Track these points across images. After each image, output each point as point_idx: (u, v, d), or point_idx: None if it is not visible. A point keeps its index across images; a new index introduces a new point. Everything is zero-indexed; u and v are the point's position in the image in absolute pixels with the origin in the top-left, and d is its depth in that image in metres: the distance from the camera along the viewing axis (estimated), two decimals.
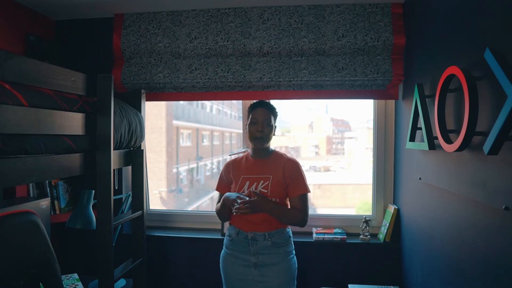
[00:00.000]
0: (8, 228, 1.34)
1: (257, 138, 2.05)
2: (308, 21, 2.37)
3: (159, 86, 2.52)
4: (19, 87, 1.36)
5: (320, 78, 2.36)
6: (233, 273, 2.07)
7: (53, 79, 1.53)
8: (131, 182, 2.31)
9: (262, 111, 2.06)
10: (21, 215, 1.41)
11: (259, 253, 2.01)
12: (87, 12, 2.60)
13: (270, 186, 2.02)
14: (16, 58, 1.34)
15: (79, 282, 2.35)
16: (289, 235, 2.10)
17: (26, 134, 1.38)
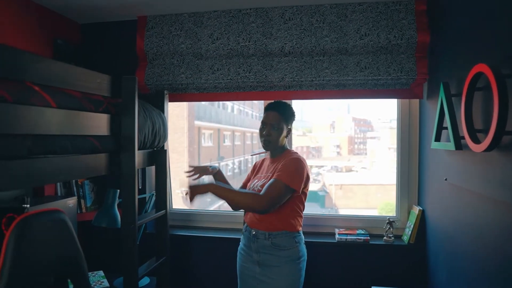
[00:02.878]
0: (39, 226, 1.38)
1: (262, 140, 2.06)
2: (330, 20, 2.35)
3: (182, 87, 2.55)
4: (48, 89, 1.40)
5: (343, 77, 2.33)
6: (243, 267, 2.09)
7: (79, 81, 1.57)
8: (155, 182, 2.35)
9: (271, 114, 2.03)
10: (51, 213, 1.46)
11: (261, 252, 1.99)
12: (111, 15, 2.65)
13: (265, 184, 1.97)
14: (45, 61, 1.38)
15: (105, 279, 2.41)
16: (295, 240, 1.99)
17: (54, 135, 1.42)
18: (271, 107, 2.07)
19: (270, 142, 2.03)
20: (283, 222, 1.98)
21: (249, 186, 2.12)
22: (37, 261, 1.39)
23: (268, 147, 2.05)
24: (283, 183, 1.87)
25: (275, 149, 2.08)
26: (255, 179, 2.12)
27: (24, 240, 1.32)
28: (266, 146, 2.06)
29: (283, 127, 2.03)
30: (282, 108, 2.06)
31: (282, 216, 1.97)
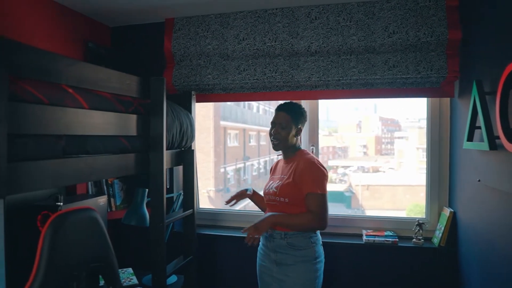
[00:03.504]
0: (72, 223, 1.43)
1: (271, 141, 2.08)
2: (357, 18, 2.32)
3: (208, 87, 2.58)
4: (80, 91, 1.44)
5: (370, 76, 2.30)
6: (261, 266, 2.10)
7: (110, 83, 1.61)
8: (183, 182, 2.38)
9: (280, 114, 2.05)
10: (83, 211, 1.50)
11: (277, 251, 1.99)
12: (139, 18, 2.71)
13: (280, 186, 2.00)
14: (78, 64, 1.43)
15: (134, 276, 2.45)
16: (311, 240, 1.98)
17: (86, 135, 1.46)
18: (281, 107, 2.09)
19: (279, 141, 2.03)
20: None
21: (265, 189, 2.12)
22: (71, 256, 1.43)
23: (277, 146, 2.06)
24: (319, 194, 1.91)
25: (285, 149, 2.08)
26: (271, 181, 2.13)
27: (58, 236, 1.37)
28: (275, 146, 2.07)
29: (291, 127, 2.03)
30: (290, 108, 2.07)
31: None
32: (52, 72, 1.31)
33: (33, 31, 2.19)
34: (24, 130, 1.19)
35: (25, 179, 1.21)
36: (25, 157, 1.21)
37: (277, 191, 2.00)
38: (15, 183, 1.16)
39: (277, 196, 1.99)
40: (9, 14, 2.05)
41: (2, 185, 1.10)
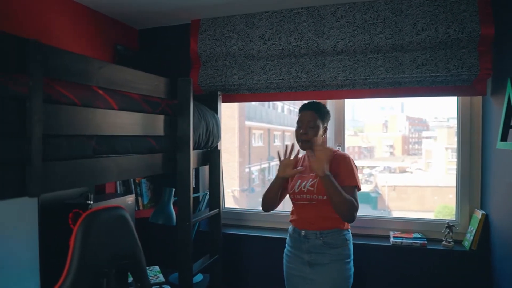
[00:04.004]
0: (102, 221, 1.46)
1: (299, 141, 2.05)
2: (384, 16, 2.28)
3: (234, 87, 2.59)
4: (110, 92, 1.48)
5: (398, 75, 2.26)
6: (291, 269, 2.07)
7: (138, 84, 1.64)
8: (209, 181, 2.40)
9: (306, 114, 2.03)
10: (113, 210, 1.54)
11: (312, 252, 1.97)
12: (166, 20, 2.76)
13: (317, 183, 1.97)
14: (108, 66, 1.46)
15: (160, 274, 2.49)
16: (345, 238, 2.00)
17: (116, 135, 1.50)
18: (305, 107, 2.07)
19: (308, 141, 2.01)
20: (334, 220, 1.96)
21: (295, 188, 2.06)
22: (101, 254, 1.46)
23: (305, 146, 2.03)
24: (355, 188, 1.95)
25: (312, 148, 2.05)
26: (298, 180, 2.07)
27: (89, 234, 1.40)
28: (304, 146, 2.04)
29: (319, 125, 2.02)
30: (316, 107, 2.05)
31: (333, 213, 1.94)
32: (83, 74, 1.35)
33: (64, 35, 2.27)
34: (57, 131, 1.23)
35: (58, 178, 1.24)
36: (58, 157, 1.25)
37: (314, 189, 1.97)
38: (49, 182, 1.20)
39: (315, 194, 1.97)
40: (43, 19, 2.13)
41: (37, 184, 1.14)
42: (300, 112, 2.07)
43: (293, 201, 2.09)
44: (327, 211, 1.95)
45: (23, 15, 2.01)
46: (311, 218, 2.00)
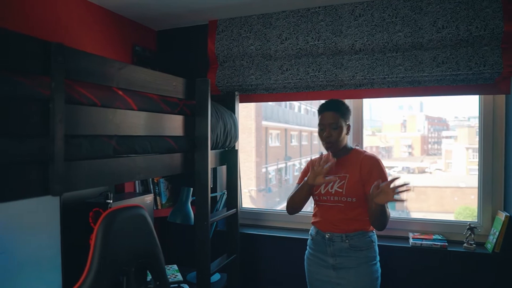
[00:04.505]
0: (122, 220, 1.48)
1: (325, 144, 2.01)
2: (403, 14, 2.25)
3: (251, 87, 2.59)
4: (130, 93, 1.50)
5: (417, 74, 2.22)
6: (314, 273, 2.04)
7: (157, 85, 1.66)
8: (226, 181, 2.41)
9: (328, 115, 1.98)
10: (132, 209, 1.56)
11: (337, 255, 1.94)
12: (183, 21, 2.78)
13: (345, 185, 1.95)
14: (127, 67, 1.48)
15: (178, 273, 2.52)
16: (371, 240, 1.97)
17: (135, 135, 1.52)
18: (326, 107, 2.02)
19: (333, 143, 1.98)
20: (360, 222, 1.94)
21: (319, 188, 2.02)
22: (121, 252, 1.49)
23: (331, 148, 1.99)
24: None
25: (339, 149, 2.02)
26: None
27: (110, 232, 1.42)
28: (329, 148, 2.00)
29: (342, 125, 1.99)
30: (336, 106, 2.01)
31: (359, 215, 1.93)
32: (104, 75, 1.37)
33: (85, 36, 2.31)
34: (79, 131, 1.25)
35: (79, 177, 1.27)
36: (80, 157, 1.27)
37: (342, 190, 1.94)
38: (70, 182, 1.22)
39: (344, 196, 1.94)
40: (65, 22, 2.17)
41: (60, 183, 1.16)
42: (320, 113, 2.03)
43: (318, 202, 2.05)
44: (355, 213, 1.93)
45: (47, 18, 2.06)
46: (336, 220, 1.96)
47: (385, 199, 1.75)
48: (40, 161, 1.13)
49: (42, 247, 1.82)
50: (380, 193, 1.75)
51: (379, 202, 1.76)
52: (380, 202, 1.76)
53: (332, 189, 1.98)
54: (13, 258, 1.68)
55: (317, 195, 2.04)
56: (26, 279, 1.74)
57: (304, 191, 1.99)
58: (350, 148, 2.09)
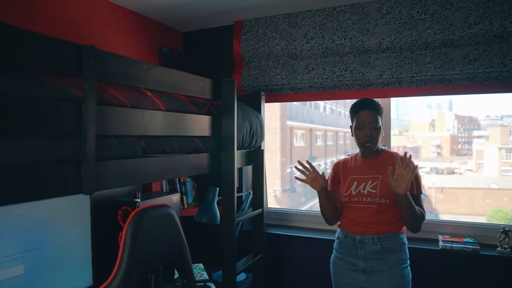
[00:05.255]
0: (150, 219, 1.51)
1: (365, 144, 1.94)
2: (432, 10, 2.20)
3: (277, 87, 2.59)
4: (158, 94, 1.52)
5: (448, 71, 2.16)
6: (342, 278, 1.99)
7: (184, 85, 1.68)
8: (252, 181, 2.42)
9: (367, 114, 1.93)
10: (160, 208, 1.58)
11: (368, 258, 1.89)
12: (209, 22, 2.81)
13: (378, 187, 1.90)
14: (155, 69, 1.50)
15: (204, 271, 2.54)
16: (403, 242, 1.92)
17: (163, 135, 1.54)
18: (364, 106, 1.96)
19: (374, 143, 1.93)
20: (391, 224, 1.90)
21: (349, 189, 1.98)
22: (149, 250, 1.51)
23: (371, 148, 1.95)
24: (421, 196, 1.92)
25: (375, 149, 1.98)
26: (354, 181, 1.98)
27: (139, 231, 1.45)
28: (369, 148, 1.95)
29: (381, 125, 1.95)
30: (373, 105, 1.96)
31: (391, 217, 1.89)
32: (133, 76, 1.40)
33: (115, 39, 2.37)
34: (109, 131, 1.28)
35: (110, 177, 1.30)
36: (110, 157, 1.30)
37: (376, 191, 1.90)
38: (101, 181, 1.25)
39: (377, 198, 1.89)
40: (94, 25, 2.24)
41: (91, 182, 1.19)
42: (357, 112, 1.97)
43: (348, 203, 2.00)
44: (388, 215, 1.89)
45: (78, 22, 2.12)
46: (368, 222, 1.91)
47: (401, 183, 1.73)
48: (73, 160, 1.16)
49: (73, 243, 1.89)
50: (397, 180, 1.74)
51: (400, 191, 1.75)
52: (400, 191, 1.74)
53: (364, 190, 1.93)
54: (47, 253, 1.75)
55: (346, 197, 1.99)
56: (59, 273, 1.81)
57: (324, 199, 2.02)
58: (381, 149, 2.05)
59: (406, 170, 1.73)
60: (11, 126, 0.99)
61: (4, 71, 0.98)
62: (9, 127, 0.99)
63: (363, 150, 2.01)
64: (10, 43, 1.00)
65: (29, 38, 1.05)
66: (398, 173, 1.75)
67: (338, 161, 2.18)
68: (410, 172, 1.73)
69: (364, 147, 1.96)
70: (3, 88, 0.97)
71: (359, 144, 1.99)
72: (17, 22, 1.76)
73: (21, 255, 1.63)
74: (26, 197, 1.08)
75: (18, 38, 1.02)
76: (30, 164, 1.05)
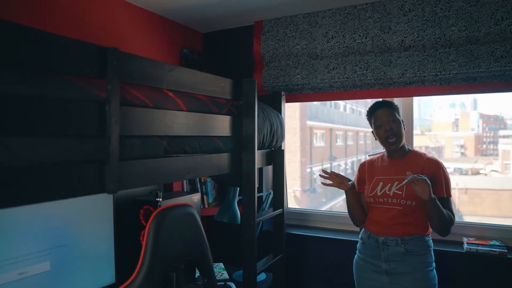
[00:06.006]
0: (172, 218, 1.52)
1: (388, 139, 1.92)
2: (457, 7, 2.14)
3: (297, 87, 2.58)
4: (179, 94, 1.53)
5: (473, 69, 2.11)
6: (365, 279, 1.97)
7: (206, 86, 1.69)
8: (272, 181, 2.42)
9: (382, 111, 1.93)
10: (182, 207, 1.60)
11: (391, 260, 1.86)
12: (229, 23, 2.82)
13: (404, 188, 1.85)
14: (177, 69, 1.52)
15: (225, 271, 2.55)
16: (428, 244, 1.88)
17: (185, 135, 1.55)
18: (378, 106, 1.97)
19: (396, 135, 1.90)
20: (417, 225, 1.86)
21: (374, 189, 1.96)
22: (171, 249, 1.53)
23: (396, 143, 1.91)
24: (451, 199, 1.87)
25: (401, 144, 1.94)
26: (380, 182, 1.95)
27: (161, 230, 1.47)
28: (393, 143, 1.91)
29: (399, 119, 1.93)
30: (388, 104, 1.97)
31: (417, 219, 1.86)
32: (155, 78, 1.41)
33: (137, 40, 2.41)
34: (132, 132, 1.30)
35: (133, 176, 1.31)
36: (133, 157, 1.32)
37: (402, 193, 1.87)
38: (125, 180, 1.27)
39: (403, 199, 1.86)
40: (117, 27, 2.28)
41: (115, 181, 1.21)
42: (373, 112, 1.97)
43: (373, 204, 1.97)
44: (413, 217, 1.85)
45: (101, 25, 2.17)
46: (392, 223, 1.88)
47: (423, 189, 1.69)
48: (97, 160, 1.18)
49: (97, 241, 1.92)
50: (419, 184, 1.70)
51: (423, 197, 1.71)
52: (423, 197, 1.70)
53: (390, 191, 1.90)
54: (71, 251, 1.79)
55: (372, 197, 1.96)
56: (83, 270, 1.85)
57: (353, 200, 2.01)
58: (408, 149, 2.01)
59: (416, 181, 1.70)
60: (39, 127, 1.02)
61: (33, 73, 1.01)
62: (37, 128, 1.01)
63: (388, 147, 1.97)
64: (39, 46, 1.02)
65: (57, 41, 1.07)
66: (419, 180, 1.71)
67: (364, 161, 2.16)
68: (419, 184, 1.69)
69: (388, 143, 1.93)
70: (32, 90, 1.00)
71: (382, 143, 1.97)
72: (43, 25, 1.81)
73: (47, 252, 1.67)
74: (53, 195, 1.10)
75: (46, 41, 1.05)
76: (56, 163, 1.07)
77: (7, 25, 0.96)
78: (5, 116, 0.95)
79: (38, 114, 1.01)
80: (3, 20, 0.95)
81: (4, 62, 0.95)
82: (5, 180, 0.96)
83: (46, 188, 1.06)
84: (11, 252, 1.54)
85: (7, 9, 1.72)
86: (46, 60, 1.05)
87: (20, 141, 0.98)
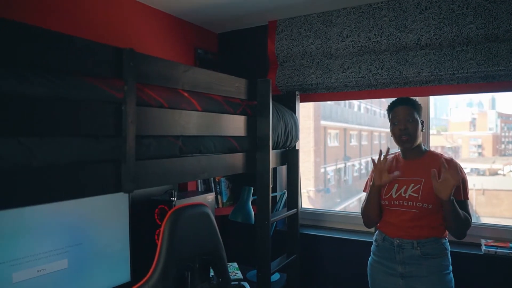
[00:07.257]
0: (187, 217, 1.54)
1: (401, 137, 1.88)
2: (475, 4, 2.10)
3: (312, 87, 2.57)
4: (194, 95, 1.54)
5: (492, 68, 2.07)
6: (379, 281, 1.94)
7: (220, 86, 1.69)
8: (287, 181, 2.41)
9: (401, 109, 1.89)
10: (197, 207, 1.61)
11: (406, 263, 1.83)
12: (243, 23, 2.82)
13: (421, 190, 1.82)
14: (192, 70, 1.53)
15: (239, 270, 2.56)
16: (444, 247, 1.84)
17: (200, 135, 1.56)
18: (398, 102, 1.93)
19: (410, 136, 1.86)
20: (433, 228, 1.83)
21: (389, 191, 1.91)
22: (186, 248, 1.55)
23: (408, 143, 1.88)
24: (467, 202, 1.85)
25: (414, 146, 1.90)
26: (395, 184, 1.90)
27: (176, 229, 1.48)
28: (406, 143, 1.88)
29: (417, 119, 1.89)
30: (409, 101, 1.92)
31: (433, 221, 1.82)
32: (170, 78, 1.42)
33: (152, 41, 2.43)
34: (148, 132, 1.31)
35: (149, 176, 1.33)
36: (149, 156, 1.34)
37: (418, 195, 1.83)
38: (141, 180, 1.28)
39: (419, 202, 1.82)
40: (135, 29, 2.31)
41: (131, 181, 1.22)
42: (392, 109, 1.94)
43: (388, 207, 1.93)
44: (430, 220, 1.82)
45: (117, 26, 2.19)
46: (408, 226, 1.84)
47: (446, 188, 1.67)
48: (114, 160, 1.20)
49: (113, 240, 1.95)
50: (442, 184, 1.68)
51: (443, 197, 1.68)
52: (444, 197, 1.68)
53: (405, 193, 1.86)
54: (88, 249, 1.82)
55: (387, 199, 1.92)
56: (99, 268, 1.87)
57: (376, 196, 1.92)
58: (425, 150, 1.97)
59: (452, 175, 1.67)
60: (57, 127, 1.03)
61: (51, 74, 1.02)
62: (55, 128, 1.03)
63: (401, 146, 1.94)
64: (56, 48, 1.04)
65: (74, 42, 1.09)
66: (443, 177, 1.69)
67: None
68: (455, 178, 1.66)
69: (401, 141, 1.90)
70: (50, 91, 1.01)
71: (396, 141, 1.94)
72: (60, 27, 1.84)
73: (64, 250, 1.71)
74: (70, 195, 1.12)
75: (64, 43, 1.07)
76: (74, 163, 1.09)
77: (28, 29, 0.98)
78: (25, 117, 0.97)
79: (56, 115, 1.03)
80: (24, 24, 0.97)
81: (23, 64, 0.97)
82: (25, 179, 0.98)
83: (64, 187, 1.08)
84: (30, 249, 1.58)
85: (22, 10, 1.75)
86: (64, 62, 1.07)
87: (40, 141, 1.00)
